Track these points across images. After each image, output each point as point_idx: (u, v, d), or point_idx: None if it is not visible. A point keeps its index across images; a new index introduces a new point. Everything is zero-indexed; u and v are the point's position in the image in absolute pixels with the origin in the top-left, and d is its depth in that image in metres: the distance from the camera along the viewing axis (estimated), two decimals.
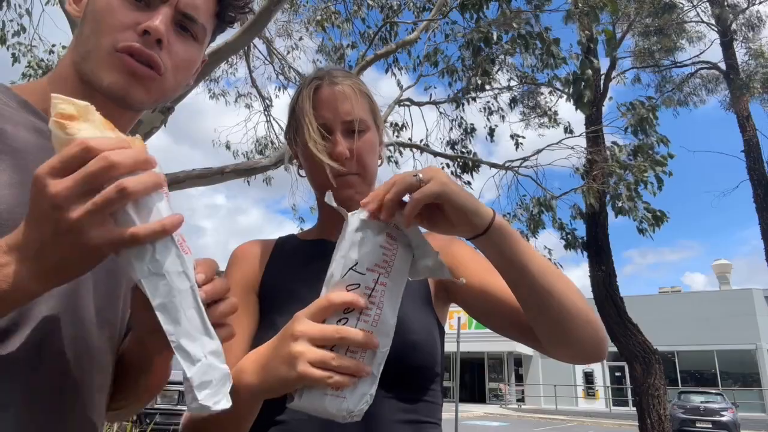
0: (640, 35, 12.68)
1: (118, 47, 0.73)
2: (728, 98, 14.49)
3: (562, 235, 8.07)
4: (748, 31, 14.46)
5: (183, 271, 0.58)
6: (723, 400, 17.80)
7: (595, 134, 8.91)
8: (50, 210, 0.52)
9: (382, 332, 0.72)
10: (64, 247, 0.53)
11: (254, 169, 6.52)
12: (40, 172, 0.52)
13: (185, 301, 0.58)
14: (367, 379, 0.72)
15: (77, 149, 0.52)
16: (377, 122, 1.10)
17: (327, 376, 0.68)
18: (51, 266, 0.54)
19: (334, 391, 0.70)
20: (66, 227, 0.52)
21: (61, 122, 0.54)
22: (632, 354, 8.60)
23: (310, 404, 0.71)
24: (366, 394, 0.71)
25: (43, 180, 0.52)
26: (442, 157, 8.75)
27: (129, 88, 0.75)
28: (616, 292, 9.01)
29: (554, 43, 6.09)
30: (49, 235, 0.52)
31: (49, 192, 0.51)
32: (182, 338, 0.58)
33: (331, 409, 0.70)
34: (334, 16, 8.07)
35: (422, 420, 0.94)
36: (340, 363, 0.69)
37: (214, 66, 5.40)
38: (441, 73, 8.21)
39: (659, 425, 8.21)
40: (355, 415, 0.71)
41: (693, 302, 28.06)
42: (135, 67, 0.74)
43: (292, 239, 1.15)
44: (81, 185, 0.52)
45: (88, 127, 0.55)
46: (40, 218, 0.53)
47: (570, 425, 20.39)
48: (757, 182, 13.95)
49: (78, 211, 0.51)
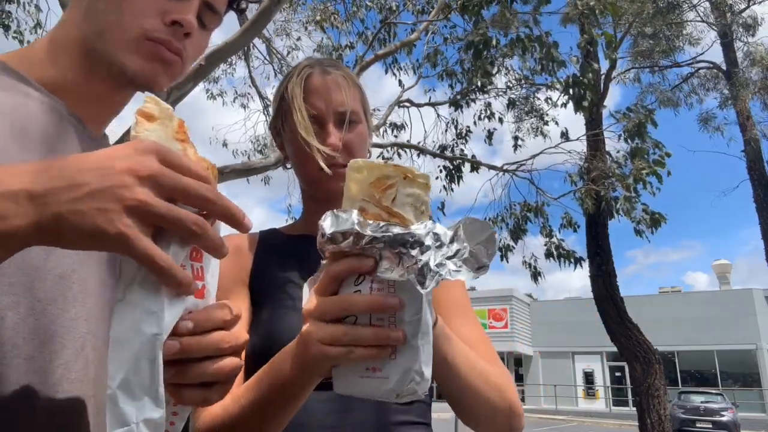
0: (640, 35, 12.67)
1: (150, 36, 0.70)
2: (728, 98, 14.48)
3: (546, 243, 7.98)
4: (747, 32, 14.46)
5: (155, 311, 0.49)
6: (723, 400, 17.80)
7: (596, 136, 8.91)
8: (122, 174, 0.45)
9: (403, 293, 0.61)
10: (93, 214, 0.44)
11: (254, 169, 6.53)
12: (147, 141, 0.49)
13: (143, 346, 0.48)
14: (406, 352, 0.61)
15: (197, 168, 0.50)
16: (367, 115, 1.06)
17: (345, 352, 0.60)
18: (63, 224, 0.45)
19: (369, 372, 0.62)
20: (120, 198, 0.45)
21: (138, 118, 0.53)
22: (632, 354, 8.60)
23: (348, 389, 0.64)
24: (410, 370, 0.60)
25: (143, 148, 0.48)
26: (440, 158, 8.76)
27: (157, 76, 0.73)
28: (616, 292, 9.01)
29: (554, 46, 6.09)
30: (95, 188, 0.45)
31: (134, 159, 0.46)
32: (120, 389, 0.48)
33: (374, 392, 0.62)
34: (334, 16, 8.06)
35: (416, 421, 0.94)
36: (354, 334, 0.60)
37: (215, 66, 5.41)
38: (440, 76, 8.22)
39: (659, 425, 8.21)
40: (403, 395, 0.61)
41: (693, 302, 28.04)
42: (168, 57, 0.72)
43: (276, 234, 1.09)
44: (167, 184, 0.47)
45: (156, 131, 0.53)
46: (102, 170, 0.45)
47: (570, 425, 20.38)
48: (757, 182, 13.95)
49: (148, 196, 0.46)
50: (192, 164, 0.50)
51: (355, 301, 0.61)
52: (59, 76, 0.71)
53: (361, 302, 0.61)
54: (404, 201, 0.62)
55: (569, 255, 7.70)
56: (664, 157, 6.75)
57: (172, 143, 0.53)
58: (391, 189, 0.62)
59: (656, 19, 11.57)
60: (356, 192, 0.63)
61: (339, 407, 0.88)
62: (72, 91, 0.72)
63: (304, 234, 1.05)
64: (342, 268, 0.61)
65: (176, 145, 0.53)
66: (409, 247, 0.59)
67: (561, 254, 7.72)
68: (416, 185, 0.63)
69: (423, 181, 0.63)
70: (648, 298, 28.35)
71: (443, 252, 0.61)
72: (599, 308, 9.05)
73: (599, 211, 7.74)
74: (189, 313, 0.53)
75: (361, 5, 8.25)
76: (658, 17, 11.56)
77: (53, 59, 0.72)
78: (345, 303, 0.61)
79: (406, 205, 0.62)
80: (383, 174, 0.62)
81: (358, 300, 0.61)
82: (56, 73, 0.72)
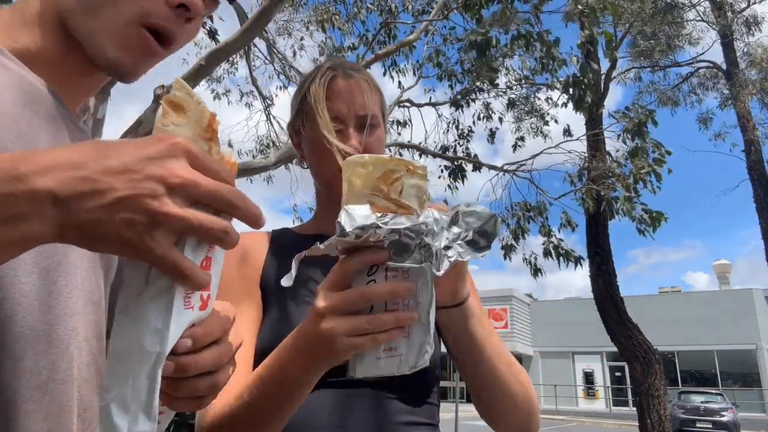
0: (640, 35, 12.67)
1: (147, 22, 0.64)
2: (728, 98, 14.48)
3: (544, 242, 7.97)
4: (748, 30, 14.46)
5: (160, 329, 0.48)
6: (723, 400, 17.79)
7: (596, 136, 8.91)
8: (151, 181, 0.43)
9: (415, 279, 0.66)
10: (119, 225, 0.42)
11: (254, 169, 6.53)
12: (177, 140, 0.45)
13: (144, 364, 0.48)
14: (418, 328, 0.67)
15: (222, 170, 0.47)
16: (385, 119, 1.08)
17: (368, 341, 0.65)
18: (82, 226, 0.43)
19: (386, 353, 0.67)
20: (149, 210, 0.42)
21: (165, 108, 0.49)
22: (632, 354, 8.59)
23: (369, 371, 0.67)
24: (424, 344, 0.67)
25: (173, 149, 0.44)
26: (441, 159, 8.75)
27: (137, 68, 0.67)
28: (617, 292, 9.01)
29: (554, 44, 6.09)
30: (122, 196, 0.42)
31: (164, 164, 0.43)
32: (114, 402, 0.47)
33: (391, 370, 0.67)
34: (335, 17, 8.06)
35: (424, 422, 0.93)
36: (377, 323, 0.64)
37: (215, 66, 5.40)
38: (440, 77, 8.21)
39: (659, 425, 8.21)
40: (416, 368, 0.68)
41: (693, 302, 28.04)
42: (154, 50, 0.66)
43: (288, 233, 1.09)
44: (198, 194, 0.45)
45: (183, 126, 0.49)
46: (130, 173, 0.43)
47: (570, 425, 20.38)
48: (757, 182, 13.95)
49: (177, 209, 0.43)
50: (221, 168, 0.48)
51: (377, 290, 0.64)
52: (33, 48, 0.65)
53: (383, 291, 0.64)
54: (409, 192, 0.66)
55: (568, 254, 7.69)
56: (664, 155, 6.75)
57: (199, 142, 0.50)
58: (398, 182, 0.65)
59: (656, 19, 11.57)
60: (362, 186, 0.65)
61: (341, 406, 0.87)
62: (46, 66, 0.65)
63: (317, 233, 1.05)
64: (359, 261, 0.64)
65: (203, 144, 0.50)
66: (423, 236, 0.64)
67: (560, 254, 7.72)
68: (417, 177, 0.67)
69: (422, 173, 0.67)
70: (648, 298, 28.34)
71: (448, 236, 0.67)
72: (599, 308, 9.05)
73: (599, 211, 7.73)
74: (191, 326, 0.52)
75: (362, 6, 8.25)
76: (657, 17, 11.55)
77: (26, 29, 0.65)
78: (367, 294, 0.65)
79: (411, 196, 0.66)
80: (389, 168, 0.65)
81: (379, 289, 0.65)
82: (29, 44, 0.65)
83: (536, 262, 8.31)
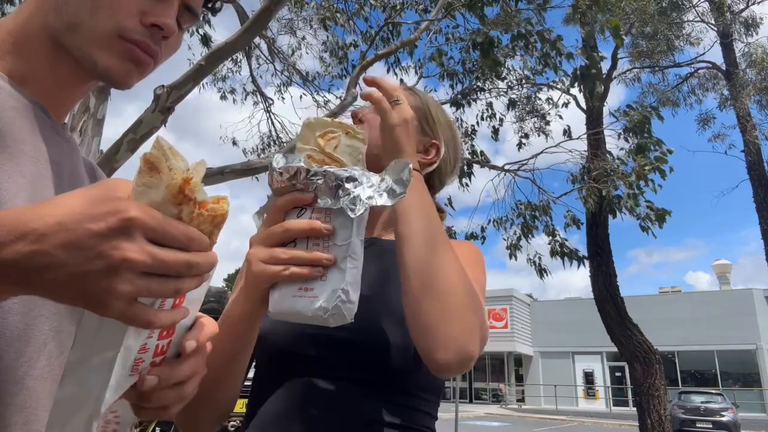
0: (640, 35, 12.67)
1: (127, 37, 0.67)
2: (728, 98, 14.48)
3: (549, 242, 7.97)
4: (747, 31, 14.46)
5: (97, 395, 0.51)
6: (723, 400, 17.78)
7: (596, 135, 8.90)
8: (103, 258, 0.45)
9: (336, 221, 0.72)
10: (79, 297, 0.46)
11: (254, 168, 6.52)
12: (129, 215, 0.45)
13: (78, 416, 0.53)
14: (336, 273, 0.71)
15: (184, 236, 0.48)
16: None
17: (282, 269, 0.71)
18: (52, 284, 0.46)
19: (302, 291, 0.71)
20: (106, 287, 0.45)
21: (141, 166, 0.48)
22: (632, 354, 8.60)
23: (283, 307, 0.72)
24: (337, 290, 0.70)
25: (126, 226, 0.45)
26: None
27: (129, 76, 0.71)
28: (617, 293, 9.01)
29: (558, 39, 6.08)
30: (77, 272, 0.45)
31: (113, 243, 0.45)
32: None
33: (306, 311, 0.70)
34: (338, 15, 8.05)
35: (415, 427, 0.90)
36: (292, 255, 0.71)
37: (215, 65, 5.40)
38: (441, 76, 8.20)
39: (659, 425, 8.21)
40: (331, 314, 0.69)
41: (693, 302, 28.05)
42: (142, 59, 0.70)
43: None
44: (147, 268, 0.46)
45: (153, 189, 0.48)
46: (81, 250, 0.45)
47: (570, 425, 20.39)
48: (757, 182, 13.94)
49: (121, 285, 0.45)
50: (180, 233, 0.48)
51: (297, 224, 0.72)
52: (23, 66, 0.69)
53: (301, 225, 0.72)
54: (344, 150, 0.75)
55: (572, 254, 7.69)
56: (666, 154, 6.75)
57: (168, 207, 0.48)
58: (334, 139, 0.75)
59: (656, 19, 11.57)
60: (305, 143, 0.76)
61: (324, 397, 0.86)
62: (36, 80, 0.69)
63: None
64: (287, 200, 0.73)
65: (171, 210, 0.48)
66: (344, 181, 0.71)
67: (565, 253, 7.72)
68: (356, 140, 0.76)
69: (361, 137, 0.76)
70: (648, 298, 28.35)
71: (371, 186, 0.72)
72: (599, 308, 9.05)
73: (600, 210, 7.73)
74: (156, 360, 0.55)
75: (365, 4, 8.24)
76: (657, 17, 11.55)
77: (14, 49, 0.69)
78: (286, 226, 0.73)
79: (346, 153, 0.75)
80: (328, 128, 0.76)
81: (297, 224, 0.72)
82: (19, 62, 0.68)
83: (541, 262, 8.29)
